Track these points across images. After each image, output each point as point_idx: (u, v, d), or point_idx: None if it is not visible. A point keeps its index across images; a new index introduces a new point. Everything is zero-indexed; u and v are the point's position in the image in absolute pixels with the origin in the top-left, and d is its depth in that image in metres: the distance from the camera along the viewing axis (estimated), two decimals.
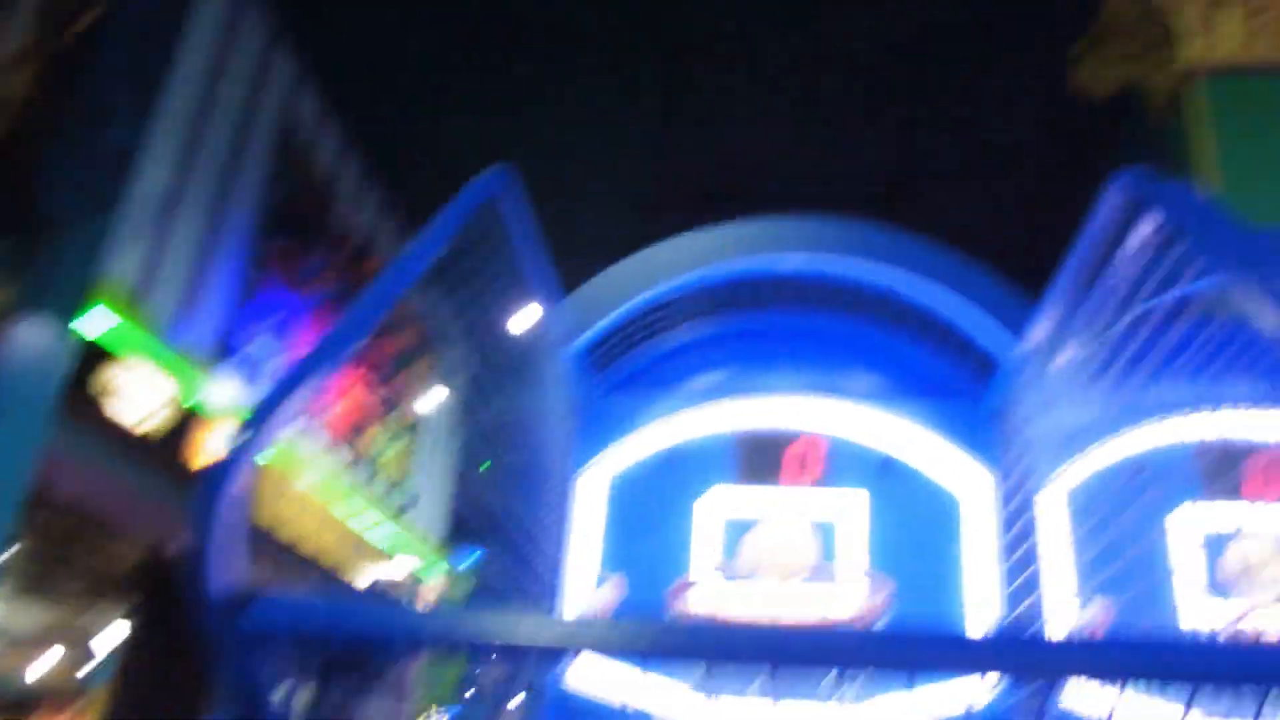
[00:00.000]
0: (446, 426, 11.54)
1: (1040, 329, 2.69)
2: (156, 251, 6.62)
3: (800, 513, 2.92)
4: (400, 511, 10.65)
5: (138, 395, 6.05)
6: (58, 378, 4.05)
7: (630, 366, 3.19)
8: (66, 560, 7.07)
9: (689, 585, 2.74)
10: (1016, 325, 2.91)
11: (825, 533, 2.84)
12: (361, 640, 1.46)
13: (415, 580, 10.21)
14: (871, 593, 2.62)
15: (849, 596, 2.72)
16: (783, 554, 2.95)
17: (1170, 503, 2.87)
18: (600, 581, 3.00)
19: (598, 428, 3.13)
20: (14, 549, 4.15)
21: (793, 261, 3.03)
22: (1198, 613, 2.75)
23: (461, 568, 11.46)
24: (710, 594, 2.72)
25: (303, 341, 8.74)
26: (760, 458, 3.05)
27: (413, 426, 11.05)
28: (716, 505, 2.97)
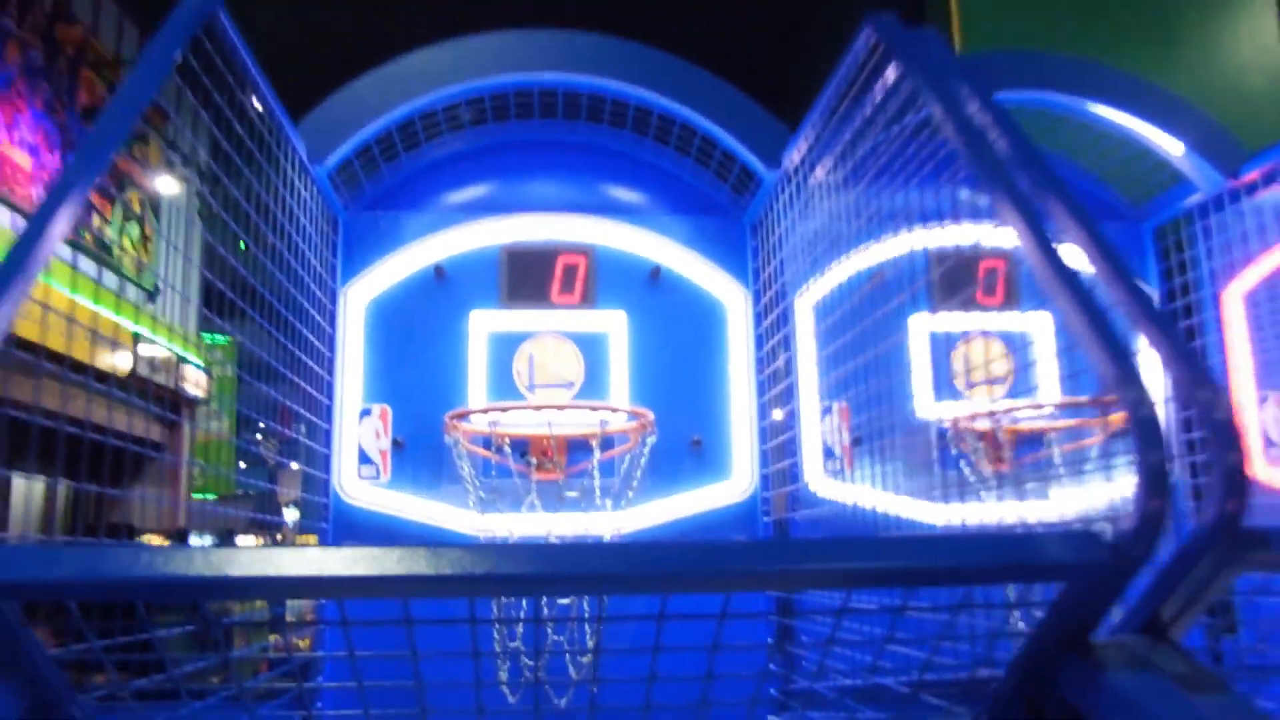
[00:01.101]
0: (188, 213, 10.78)
1: (795, 152, 2.81)
2: None
3: (565, 329, 2.96)
4: (148, 297, 10.12)
5: None
6: None
7: (388, 180, 2.98)
8: None
9: (465, 412, 2.75)
10: (773, 149, 3.00)
11: (597, 345, 2.93)
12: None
13: (176, 362, 9.89)
14: (633, 412, 2.78)
15: (618, 410, 2.88)
16: (552, 369, 3.01)
17: (908, 309, 3.17)
18: (365, 413, 2.92)
19: (356, 245, 2.93)
20: None
21: (550, 77, 2.93)
22: (929, 407, 3.14)
23: (218, 353, 11.20)
24: (486, 416, 2.76)
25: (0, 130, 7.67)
26: (526, 277, 3.01)
27: (148, 210, 10.24)
28: (484, 326, 2.95)
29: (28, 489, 9.96)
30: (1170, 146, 3.39)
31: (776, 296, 3.56)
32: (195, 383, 10.57)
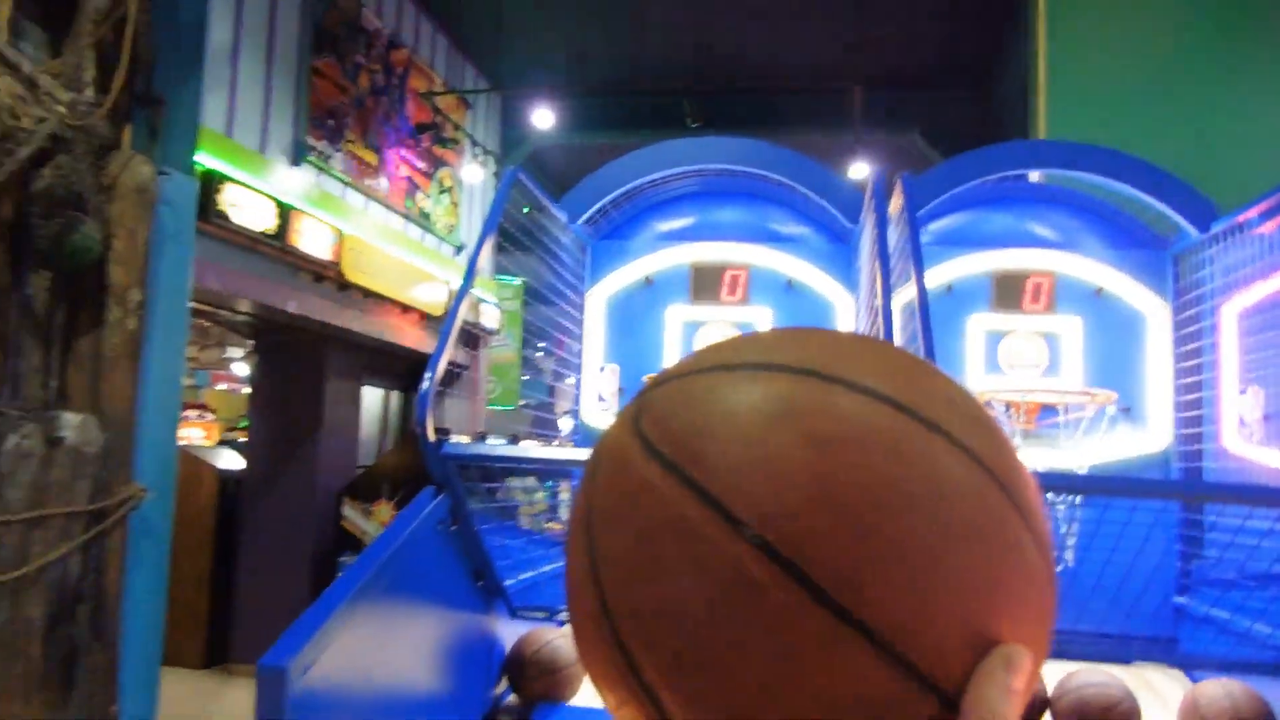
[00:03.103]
0: (483, 188, 13.27)
1: (865, 211, 3.80)
2: (234, 92, 8.21)
3: (731, 321, 4.18)
4: (455, 253, 12.71)
5: (250, 205, 7.82)
6: (192, 206, 5.48)
7: (617, 220, 4.32)
8: (211, 318, 9.30)
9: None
10: (853, 209, 4.01)
11: (748, 331, 4.22)
12: (492, 463, 2.98)
13: (476, 302, 12.40)
14: None
15: None
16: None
17: (968, 312, 4.07)
18: (602, 369, 4.32)
19: (597, 263, 4.33)
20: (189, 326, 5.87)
21: (714, 166, 4.23)
22: (981, 382, 4.08)
23: (509, 290, 13.64)
24: None
25: (356, 136, 10.29)
26: (705, 283, 4.23)
27: (454, 186, 12.80)
28: (677, 316, 4.23)
29: (371, 396, 12.76)
30: (1159, 205, 4.58)
31: (870, 300, 5.06)
32: (490, 316, 13.19)
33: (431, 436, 3.10)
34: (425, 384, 3.04)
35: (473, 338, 12.85)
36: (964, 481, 0.49)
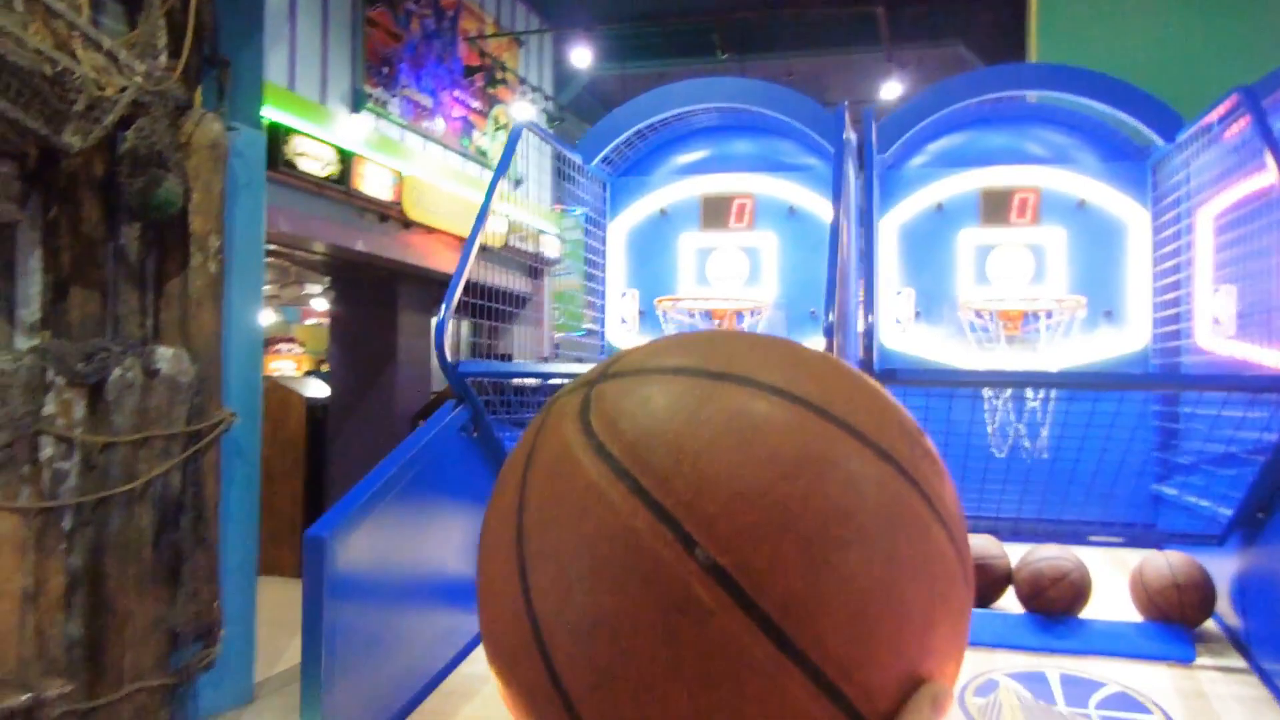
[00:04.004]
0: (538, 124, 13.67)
1: (847, 136, 4.20)
2: (293, 48, 8.75)
3: (739, 245, 4.47)
4: (514, 187, 13.22)
5: (314, 153, 8.41)
6: (261, 158, 6.02)
7: (633, 158, 4.66)
8: (288, 258, 9.99)
9: (674, 298, 4.46)
10: (835, 133, 4.28)
11: (756, 254, 4.53)
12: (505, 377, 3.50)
13: (536, 233, 12.87)
14: (754, 306, 4.39)
15: (762, 296, 4.46)
16: (728, 269, 4.60)
17: (959, 227, 4.26)
18: (624, 294, 4.72)
19: (617, 197, 4.69)
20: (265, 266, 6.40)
21: (717, 104, 4.47)
22: (970, 293, 4.31)
23: (569, 220, 14.05)
24: (685, 300, 4.48)
25: (411, 81, 10.77)
26: (714, 211, 4.52)
27: (509, 123, 13.21)
28: (689, 244, 4.56)
29: None
30: (1128, 118, 4.78)
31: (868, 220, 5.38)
32: (551, 246, 13.70)
33: (450, 358, 3.62)
34: (441, 313, 3.56)
35: (535, 268, 13.40)
36: (913, 515, 0.47)
